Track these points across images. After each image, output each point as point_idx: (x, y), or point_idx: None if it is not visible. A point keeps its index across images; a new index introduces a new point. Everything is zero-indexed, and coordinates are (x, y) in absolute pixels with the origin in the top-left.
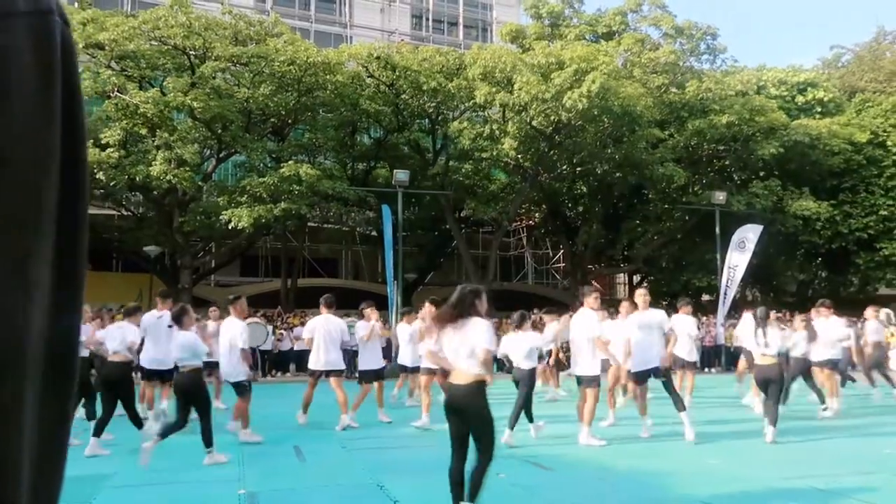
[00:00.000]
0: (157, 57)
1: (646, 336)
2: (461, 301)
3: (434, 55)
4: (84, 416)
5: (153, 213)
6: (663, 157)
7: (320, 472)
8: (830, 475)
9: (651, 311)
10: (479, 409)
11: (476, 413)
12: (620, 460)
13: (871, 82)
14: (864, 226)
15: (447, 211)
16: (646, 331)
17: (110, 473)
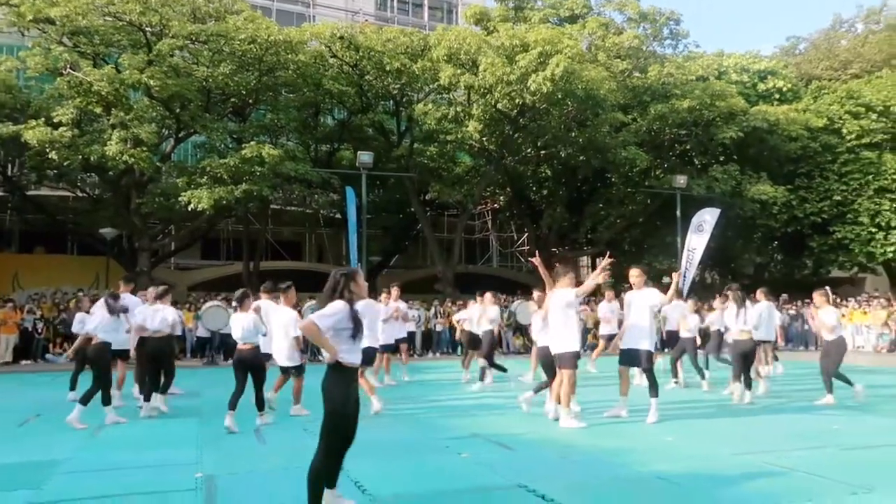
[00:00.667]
0: (111, 33)
1: (637, 316)
2: (335, 287)
3: (398, 36)
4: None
5: (109, 195)
6: (626, 141)
7: (281, 454)
8: (781, 450)
9: (646, 291)
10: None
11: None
12: (581, 439)
13: (827, 70)
14: (818, 210)
15: (412, 194)
16: (638, 310)
17: (62, 459)
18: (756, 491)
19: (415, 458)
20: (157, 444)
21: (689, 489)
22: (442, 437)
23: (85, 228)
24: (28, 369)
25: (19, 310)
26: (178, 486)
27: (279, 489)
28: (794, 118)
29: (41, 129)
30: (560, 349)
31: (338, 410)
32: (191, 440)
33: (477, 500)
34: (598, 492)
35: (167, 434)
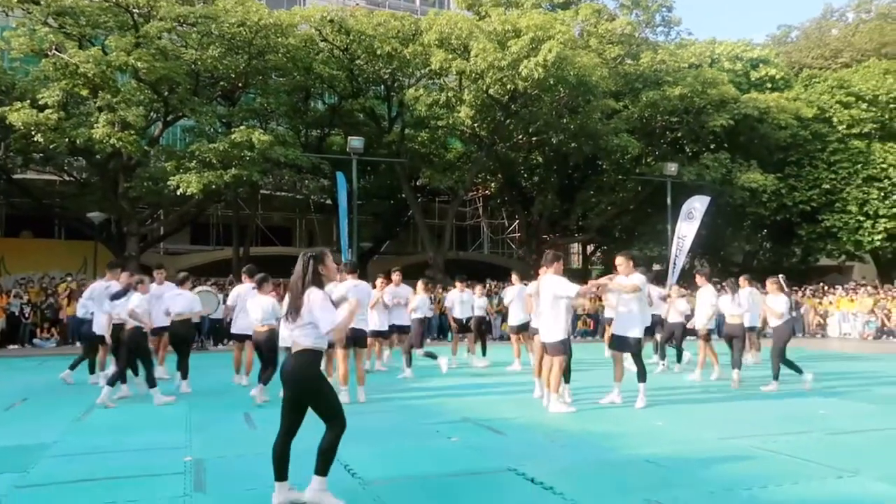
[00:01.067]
0: (97, 14)
1: (626, 302)
2: (304, 269)
3: (389, 20)
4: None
5: (97, 179)
6: (618, 128)
7: (270, 439)
8: (767, 435)
9: (634, 276)
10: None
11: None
12: (571, 424)
13: (818, 58)
14: (807, 198)
15: (403, 179)
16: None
17: (49, 443)
18: (742, 474)
19: (405, 443)
20: (146, 427)
21: (677, 472)
22: (432, 422)
23: (72, 212)
24: (15, 354)
25: (6, 294)
26: (167, 469)
27: (268, 473)
28: (785, 106)
29: (26, 111)
30: (549, 338)
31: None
32: (180, 424)
33: (467, 484)
34: (587, 475)
35: (156, 418)
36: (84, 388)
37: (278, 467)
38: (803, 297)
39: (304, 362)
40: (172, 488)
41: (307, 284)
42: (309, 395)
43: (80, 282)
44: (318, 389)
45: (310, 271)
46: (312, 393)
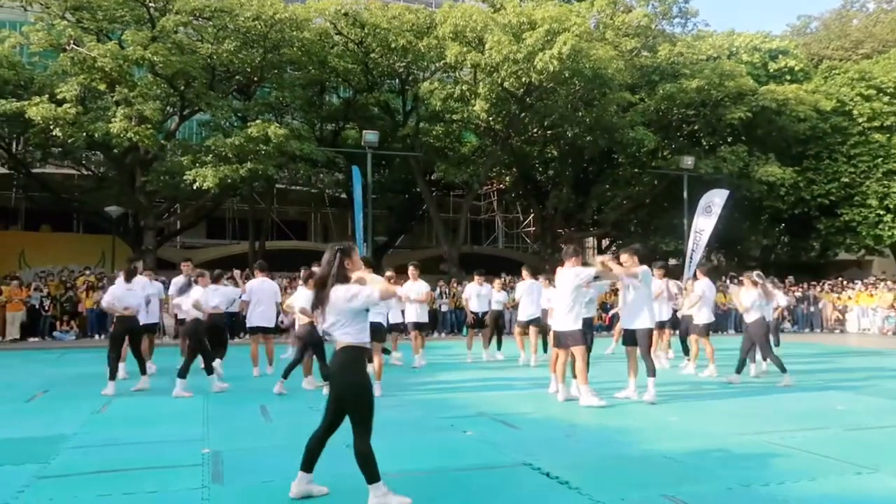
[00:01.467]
0: (114, 8)
1: (636, 294)
2: (330, 262)
3: (404, 13)
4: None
5: (114, 173)
6: (634, 121)
7: (286, 431)
8: (785, 430)
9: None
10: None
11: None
12: (587, 418)
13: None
14: (826, 192)
15: (417, 173)
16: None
17: (69, 434)
18: (760, 470)
19: (420, 436)
20: (164, 420)
21: (694, 468)
22: (447, 416)
23: (90, 207)
24: (35, 346)
25: (26, 287)
26: (185, 461)
27: (284, 465)
28: (804, 98)
29: (45, 105)
30: (565, 326)
31: (368, 389)
32: (197, 416)
33: (482, 478)
34: (603, 470)
35: (174, 410)
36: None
37: (308, 457)
38: (821, 291)
39: (347, 359)
40: (190, 480)
41: (333, 279)
42: (346, 392)
43: (99, 275)
44: (356, 389)
45: (336, 265)
46: (350, 391)
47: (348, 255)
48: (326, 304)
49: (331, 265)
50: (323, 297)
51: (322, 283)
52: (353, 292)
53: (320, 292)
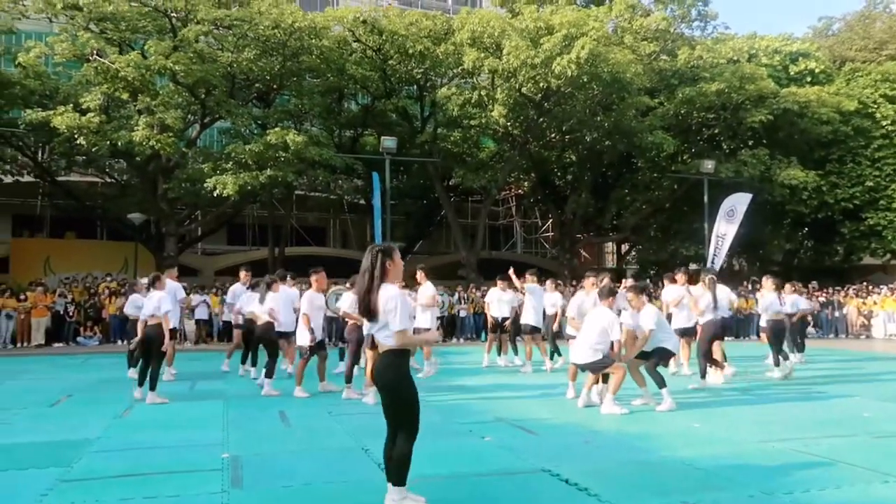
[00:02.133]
0: (137, 19)
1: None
2: (373, 264)
3: (421, 19)
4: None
5: (137, 180)
6: (653, 126)
7: (305, 436)
8: (809, 438)
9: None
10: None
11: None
12: (606, 425)
13: (861, 51)
14: (850, 196)
15: (435, 179)
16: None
17: (93, 438)
18: (783, 478)
19: (438, 442)
20: (184, 425)
21: (715, 475)
22: (465, 422)
23: (113, 214)
24: (60, 352)
25: (51, 293)
26: (205, 465)
27: (304, 470)
28: (826, 100)
29: (69, 115)
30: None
31: (407, 391)
32: (217, 421)
33: (500, 484)
34: (623, 476)
35: (194, 415)
36: (125, 384)
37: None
38: (846, 296)
39: (390, 363)
40: (211, 484)
41: (377, 280)
42: (386, 395)
43: (121, 282)
44: (395, 391)
45: (378, 266)
46: (390, 393)
47: (389, 256)
48: (377, 308)
49: (373, 267)
50: (369, 302)
51: (367, 287)
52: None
53: (366, 297)
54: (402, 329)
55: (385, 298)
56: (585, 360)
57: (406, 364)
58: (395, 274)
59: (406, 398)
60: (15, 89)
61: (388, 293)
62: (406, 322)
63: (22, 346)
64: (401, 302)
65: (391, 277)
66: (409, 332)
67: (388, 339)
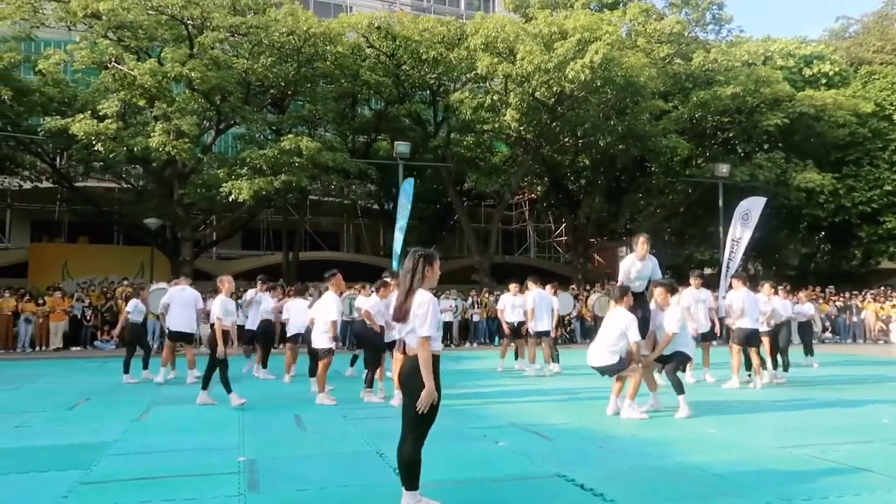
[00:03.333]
0: (154, 27)
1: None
2: (414, 268)
3: (435, 25)
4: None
5: (153, 186)
6: (667, 129)
7: (320, 440)
8: (827, 444)
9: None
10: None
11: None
12: (620, 430)
13: (879, 53)
14: (867, 199)
15: (449, 184)
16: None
17: (111, 442)
18: (801, 484)
19: (452, 447)
20: (201, 428)
21: (731, 481)
22: (479, 426)
23: (130, 219)
24: (77, 355)
25: (69, 298)
26: (222, 469)
27: (319, 474)
28: (842, 103)
29: (87, 121)
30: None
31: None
32: (233, 425)
33: (514, 489)
34: (638, 482)
35: (211, 419)
36: (142, 388)
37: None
38: (864, 301)
39: (415, 367)
40: (227, 488)
41: (415, 285)
42: (411, 399)
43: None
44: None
45: (419, 271)
46: (414, 397)
47: (430, 263)
48: (409, 312)
49: (415, 272)
50: (405, 305)
51: (403, 287)
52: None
53: (406, 301)
54: (428, 336)
55: (417, 303)
56: (602, 363)
57: (436, 369)
58: (431, 280)
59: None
60: (34, 97)
61: (422, 298)
62: (433, 331)
63: (40, 349)
64: (432, 309)
65: (427, 284)
66: (436, 341)
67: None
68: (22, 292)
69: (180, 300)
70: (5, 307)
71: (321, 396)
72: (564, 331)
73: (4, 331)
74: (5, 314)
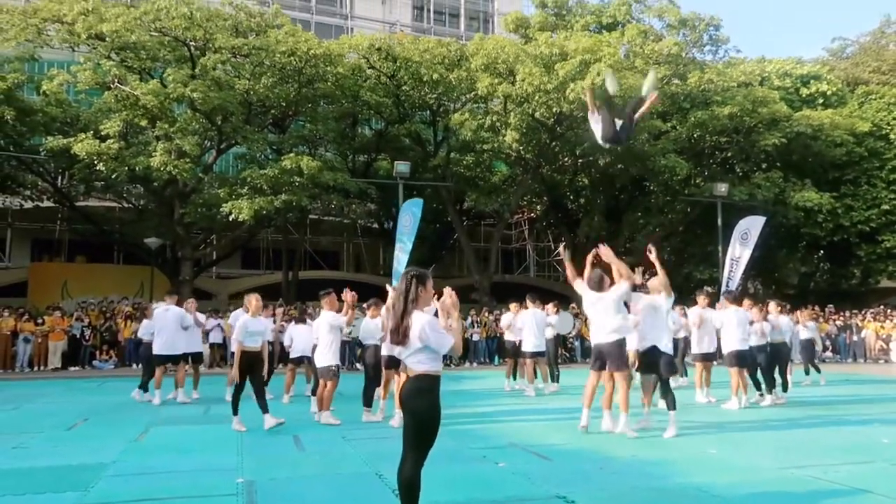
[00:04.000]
0: (157, 48)
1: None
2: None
3: (435, 46)
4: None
5: (154, 205)
6: (665, 149)
7: (319, 461)
8: (828, 464)
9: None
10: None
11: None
12: (621, 450)
13: (875, 73)
14: (865, 218)
15: (448, 203)
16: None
17: (108, 463)
18: None
19: (451, 467)
20: (199, 449)
21: (733, 502)
22: (478, 447)
23: (130, 238)
24: (76, 375)
25: (68, 317)
26: (220, 490)
27: (318, 495)
28: (839, 123)
29: (90, 141)
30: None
31: (431, 417)
32: (231, 446)
33: None
34: (638, 503)
35: (209, 439)
36: (141, 408)
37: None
38: (864, 320)
39: (420, 388)
40: None
41: (410, 306)
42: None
43: (136, 305)
44: (421, 416)
45: (412, 292)
46: (415, 418)
47: (423, 283)
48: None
49: (408, 293)
50: (401, 326)
51: (397, 308)
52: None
53: (401, 322)
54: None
55: (419, 327)
56: (608, 339)
57: (436, 390)
58: (425, 300)
59: (429, 425)
60: (37, 116)
61: (421, 321)
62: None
63: (38, 369)
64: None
65: (421, 304)
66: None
67: (419, 365)
68: (21, 312)
69: (162, 322)
70: (4, 327)
71: (325, 415)
72: (565, 350)
73: (3, 350)
74: (4, 334)
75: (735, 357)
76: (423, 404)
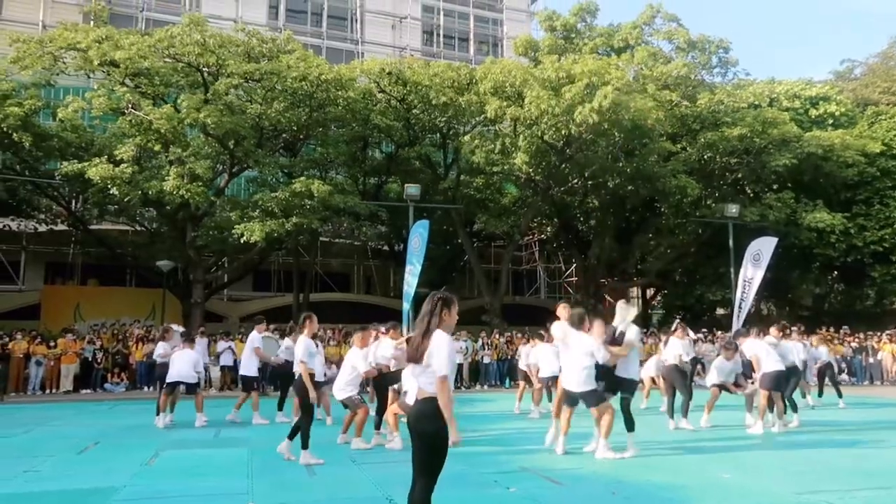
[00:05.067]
0: (170, 74)
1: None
2: (432, 311)
3: (445, 70)
4: None
5: (166, 229)
6: (675, 170)
7: (330, 486)
8: (845, 490)
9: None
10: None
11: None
12: (632, 475)
13: (885, 94)
14: (878, 238)
15: (459, 225)
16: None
17: (119, 486)
18: None
19: (463, 492)
20: (210, 472)
21: None
22: (490, 471)
23: (143, 261)
24: (88, 398)
25: (80, 340)
26: None
27: None
28: (850, 143)
29: (104, 166)
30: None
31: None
32: (241, 470)
33: None
34: None
35: (219, 463)
36: (152, 431)
37: None
38: (880, 342)
39: (429, 412)
40: None
41: (432, 327)
42: (421, 442)
43: (148, 328)
44: (430, 439)
45: (436, 314)
46: (424, 441)
47: (448, 307)
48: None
49: (432, 314)
50: (421, 346)
51: (423, 331)
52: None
53: (421, 341)
54: (445, 375)
55: (435, 343)
56: (580, 387)
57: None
58: (448, 324)
59: (439, 449)
60: (53, 142)
61: (438, 339)
62: (450, 370)
63: (50, 392)
64: (448, 348)
65: (444, 327)
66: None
67: (430, 387)
68: (34, 334)
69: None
70: (17, 349)
71: (356, 441)
72: None
73: (16, 373)
74: (17, 356)
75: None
76: (430, 428)
